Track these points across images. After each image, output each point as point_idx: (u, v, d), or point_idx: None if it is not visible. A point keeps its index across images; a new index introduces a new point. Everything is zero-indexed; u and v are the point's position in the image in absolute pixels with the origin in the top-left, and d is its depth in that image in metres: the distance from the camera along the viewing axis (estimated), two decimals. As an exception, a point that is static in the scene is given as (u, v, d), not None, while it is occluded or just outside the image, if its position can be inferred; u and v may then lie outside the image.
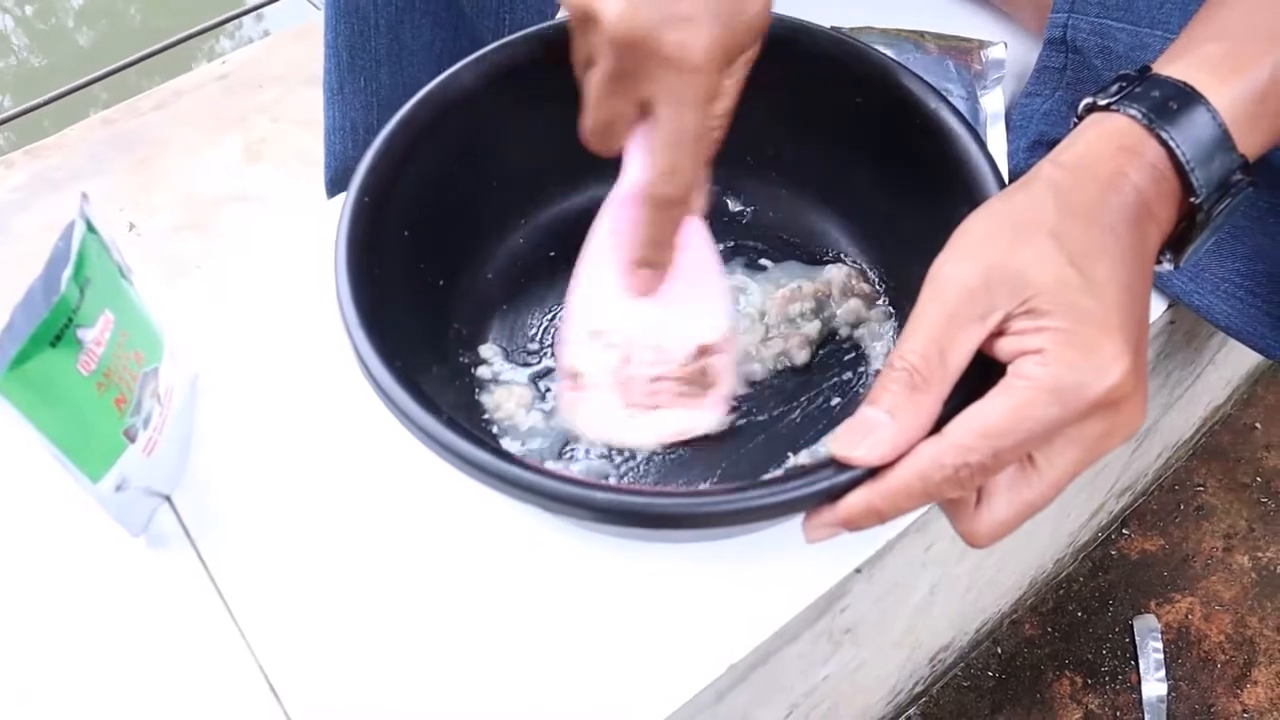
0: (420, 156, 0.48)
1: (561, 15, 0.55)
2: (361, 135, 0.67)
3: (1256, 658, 0.83)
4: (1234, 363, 0.84)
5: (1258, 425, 0.96)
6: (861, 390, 0.51)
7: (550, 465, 0.49)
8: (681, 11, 0.36)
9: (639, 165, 0.43)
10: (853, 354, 0.52)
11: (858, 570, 0.48)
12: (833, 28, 0.53)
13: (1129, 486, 0.85)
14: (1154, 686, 0.81)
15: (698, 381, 0.47)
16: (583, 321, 0.47)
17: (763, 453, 0.49)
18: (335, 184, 0.74)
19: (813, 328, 0.53)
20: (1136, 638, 0.84)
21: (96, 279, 0.44)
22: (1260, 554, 0.88)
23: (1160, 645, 0.83)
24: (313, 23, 1.46)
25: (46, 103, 1.40)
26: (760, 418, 0.50)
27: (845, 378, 0.52)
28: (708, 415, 0.48)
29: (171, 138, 1.28)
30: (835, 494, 0.35)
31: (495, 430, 0.50)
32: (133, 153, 1.27)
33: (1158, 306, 0.57)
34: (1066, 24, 0.61)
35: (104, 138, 1.29)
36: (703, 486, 0.48)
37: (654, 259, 0.44)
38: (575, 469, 0.49)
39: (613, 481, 0.49)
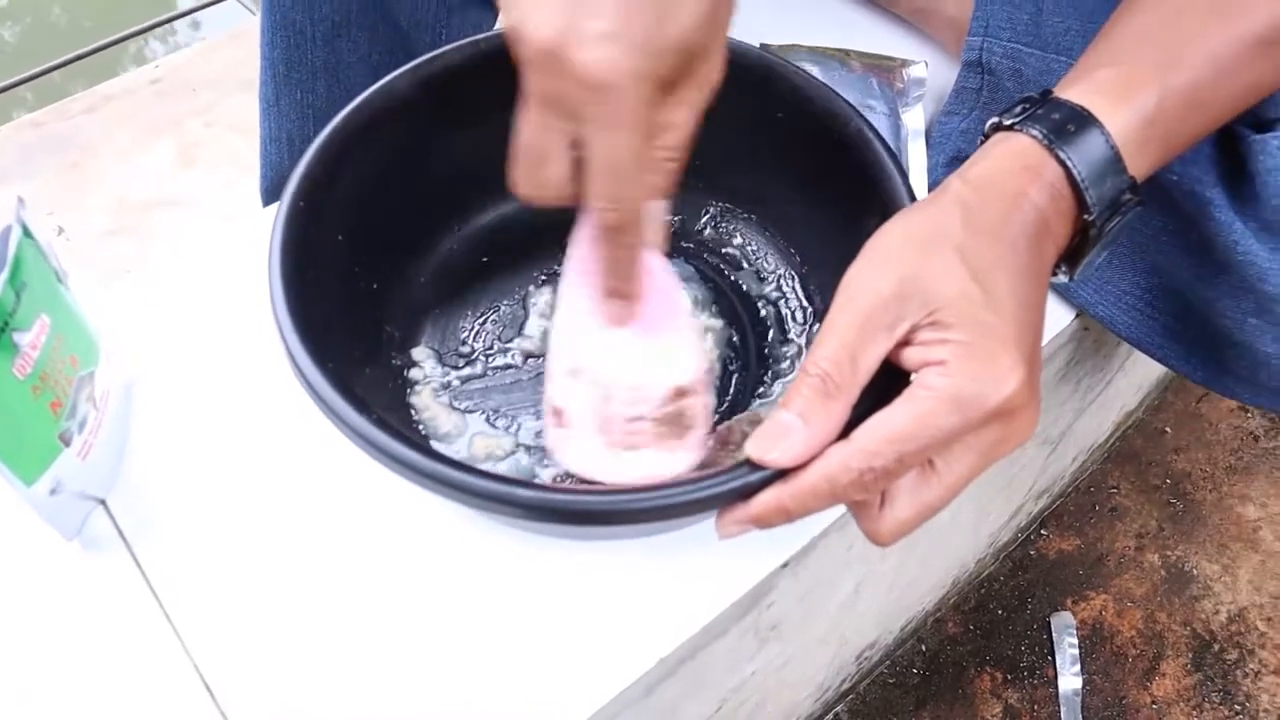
0: (355, 162, 0.49)
1: (496, 28, 0.57)
2: (297, 146, 0.68)
3: (1165, 651, 0.87)
4: (1144, 369, 0.87)
5: (1168, 430, 1.00)
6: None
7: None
8: (599, 28, 0.34)
9: None
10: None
11: (784, 565, 0.49)
12: (761, 45, 0.55)
13: (1046, 489, 0.88)
14: (1070, 681, 0.85)
15: (675, 423, 0.47)
16: (563, 359, 0.48)
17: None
18: (270, 194, 0.74)
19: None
20: (1053, 634, 0.87)
21: (32, 283, 0.44)
22: (1169, 552, 0.92)
23: (1075, 641, 0.86)
24: (246, 26, 1.45)
25: None
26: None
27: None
28: (683, 457, 0.48)
29: (102, 142, 1.27)
30: (747, 493, 0.37)
31: (424, 431, 0.51)
32: (62, 156, 1.26)
33: (1066, 315, 0.60)
34: (982, 47, 0.63)
35: (33, 140, 1.27)
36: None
37: (617, 288, 0.43)
38: (501, 467, 0.50)
39: (540, 479, 0.50)
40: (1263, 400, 0.55)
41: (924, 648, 0.86)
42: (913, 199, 0.48)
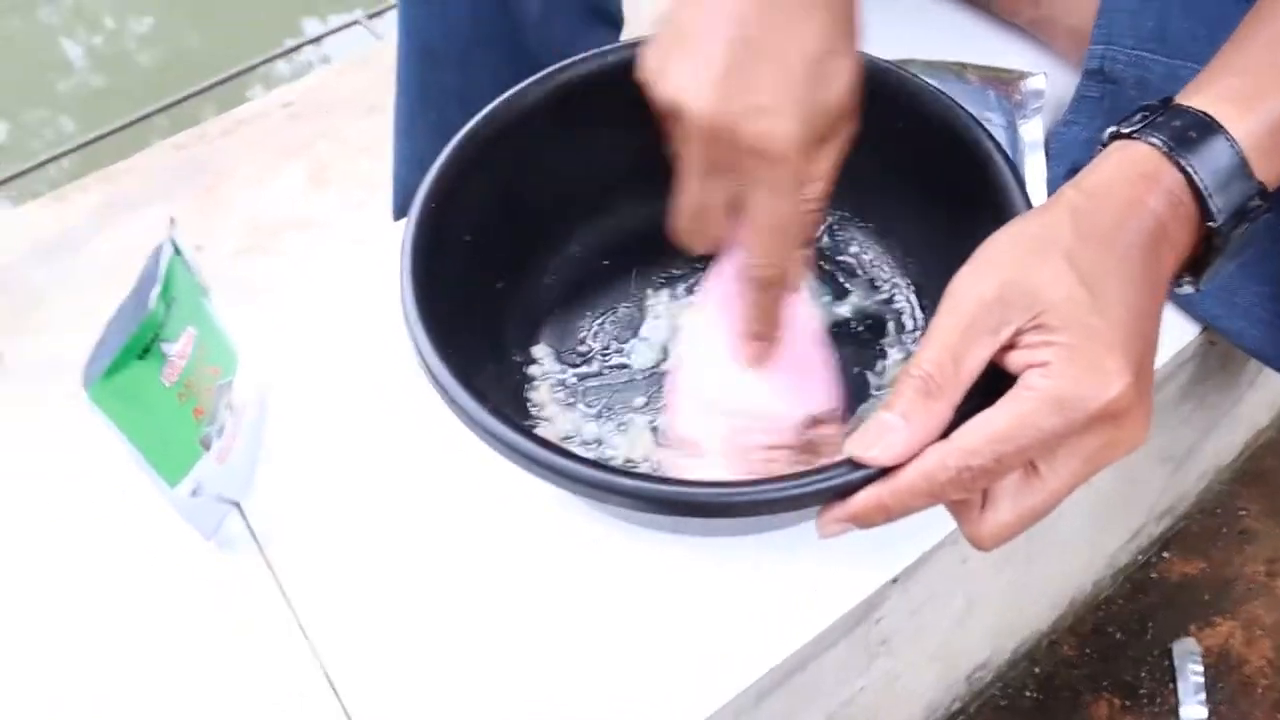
0: (483, 168, 0.52)
1: (622, 40, 0.58)
2: (429, 167, 0.70)
3: (1298, 682, 0.83)
4: (1275, 386, 0.84)
5: (1302, 450, 0.96)
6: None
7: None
8: (762, 103, 0.37)
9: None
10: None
11: (894, 580, 0.49)
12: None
13: (1169, 509, 0.86)
14: (1194, 710, 0.82)
15: (810, 451, 0.48)
16: (695, 391, 0.49)
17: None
18: (400, 212, 0.78)
19: None
20: (1175, 661, 0.84)
21: (181, 297, 0.47)
22: (1303, 579, 0.88)
23: (1200, 669, 0.83)
24: (374, 51, 1.50)
25: (116, 131, 1.46)
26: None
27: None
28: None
29: (238, 164, 1.33)
30: (846, 491, 0.38)
31: (539, 426, 0.53)
32: (200, 178, 1.32)
33: (1190, 331, 0.58)
34: (1104, 55, 0.63)
35: (174, 164, 1.34)
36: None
37: (761, 333, 0.45)
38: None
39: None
40: None
41: (1038, 670, 0.84)
42: (1029, 209, 0.48)
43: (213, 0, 2.63)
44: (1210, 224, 0.40)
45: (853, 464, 0.38)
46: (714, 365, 0.48)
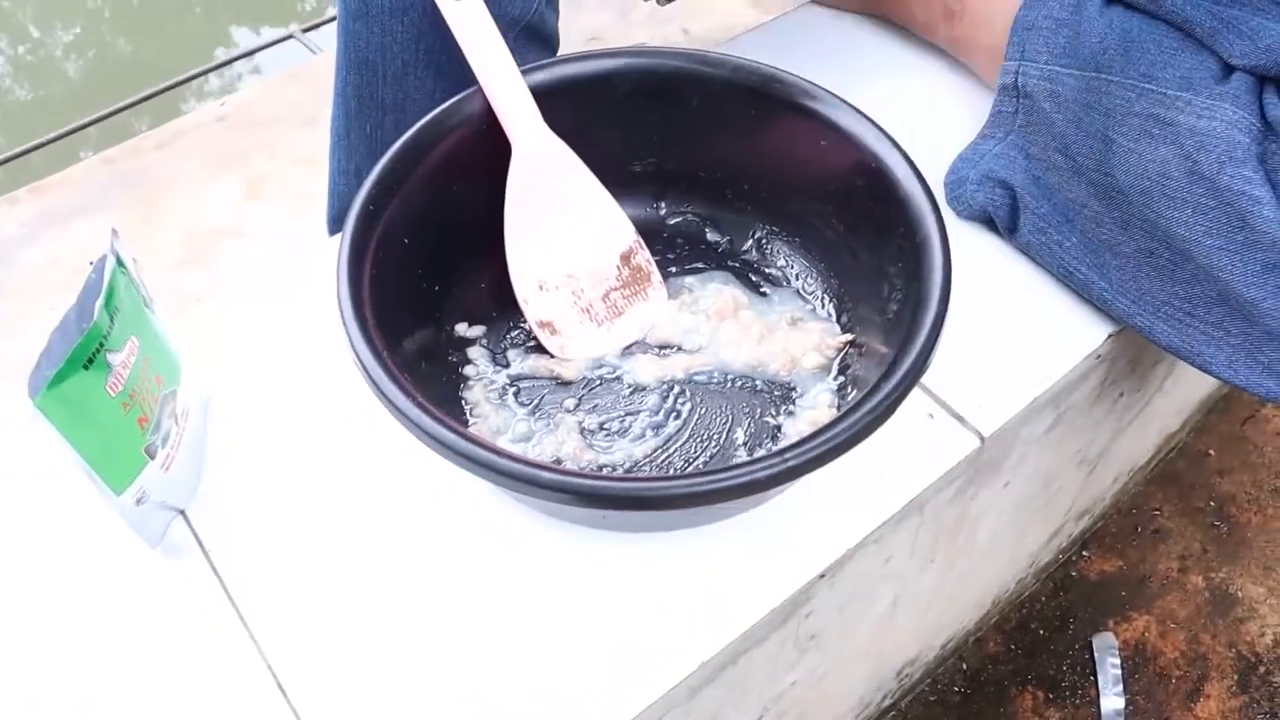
0: (419, 177, 0.54)
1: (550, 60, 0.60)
2: (364, 178, 0.72)
3: (1209, 673, 0.87)
4: (1184, 391, 0.88)
5: (1211, 452, 1.00)
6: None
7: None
8: None
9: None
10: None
11: (821, 575, 0.52)
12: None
13: (1087, 510, 0.89)
14: (1112, 701, 0.85)
15: (637, 281, 0.59)
16: (528, 282, 0.58)
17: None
18: (336, 222, 0.79)
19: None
20: (1095, 654, 0.88)
21: (124, 308, 0.48)
22: (1213, 574, 0.93)
23: (1118, 661, 0.87)
24: (309, 65, 1.51)
25: (45, 143, 1.45)
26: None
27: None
28: (657, 297, 0.60)
29: (173, 176, 1.33)
30: (755, 486, 0.42)
31: (473, 424, 0.55)
32: (135, 190, 1.32)
33: (1102, 331, 0.62)
34: (1018, 71, 0.66)
35: (107, 176, 1.34)
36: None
37: None
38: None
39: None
40: None
41: (965, 666, 0.88)
42: (941, 224, 0.50)
43: (141, 10, 2.60)
44: None
45: (758, 461, 0.41)
46: (531, 254, 0.58)
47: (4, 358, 1.12)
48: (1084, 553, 0.94)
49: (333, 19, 1.66)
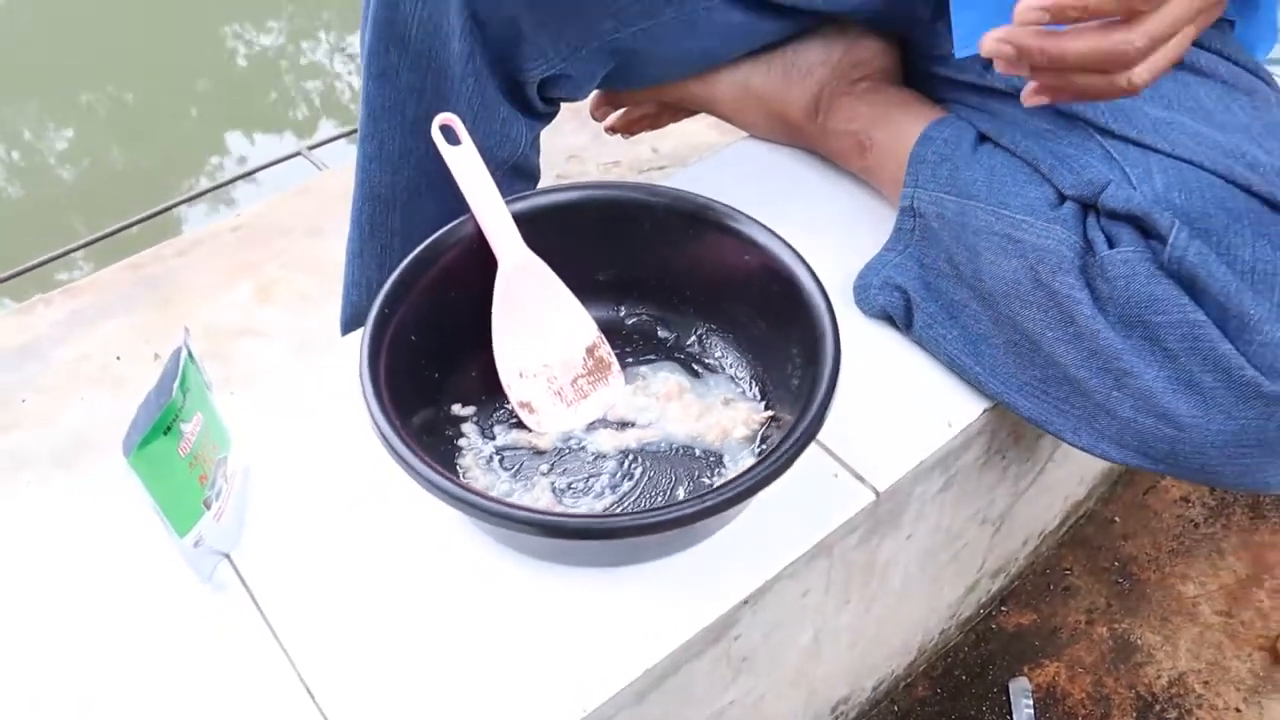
0: (425, 283, 0.69)
1: (532, 190, 0.75)
2: (375, 290, 0.86)
3: (1111, 712, 0.99)
4: (1080, 465, 1.02)
5: (1116, 519, 1.13)
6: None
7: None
8: None
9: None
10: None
11: (744, 601, 0.64)
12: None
13: (1001, 569, 1.02)
14: (1027, 738, 0.97)
15: (600, 369, 0.74)
16: (510, 370, 0.73)
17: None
18: (349, 325, 0.92)
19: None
20: (1011, 697, 0.99)
21: (192, 388, 0.61)
22: (1117, 625, 1.05)
23: (1031, 703, 0.99)
24: (316, 180, 1.67)
25: (44, 261, 1.60)
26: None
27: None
28: (616, 383, 0.75)
29: (192, 281, 1.47)
30: (684, 520, 0.55)
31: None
32: (157, 293, 1.46)
33: (978, 407, 0.75)
34: (913, 196, 0.80)
35: (132, 280, 1.48)
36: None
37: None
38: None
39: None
40: (1129, 459, 0.68)
41: (896, 708, 0.99)
42: (833, 320, 0.65)
43: (134, 116, 2.74)
44: None
45: (683, 503, 0.55)
46: (513, 348, 0.73)
47: (41, 444, 1.25)
48: (1003, 607, 1.06)
49: (336, 138, 1.83)
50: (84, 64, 2.85)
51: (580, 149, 1.58)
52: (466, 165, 0.70)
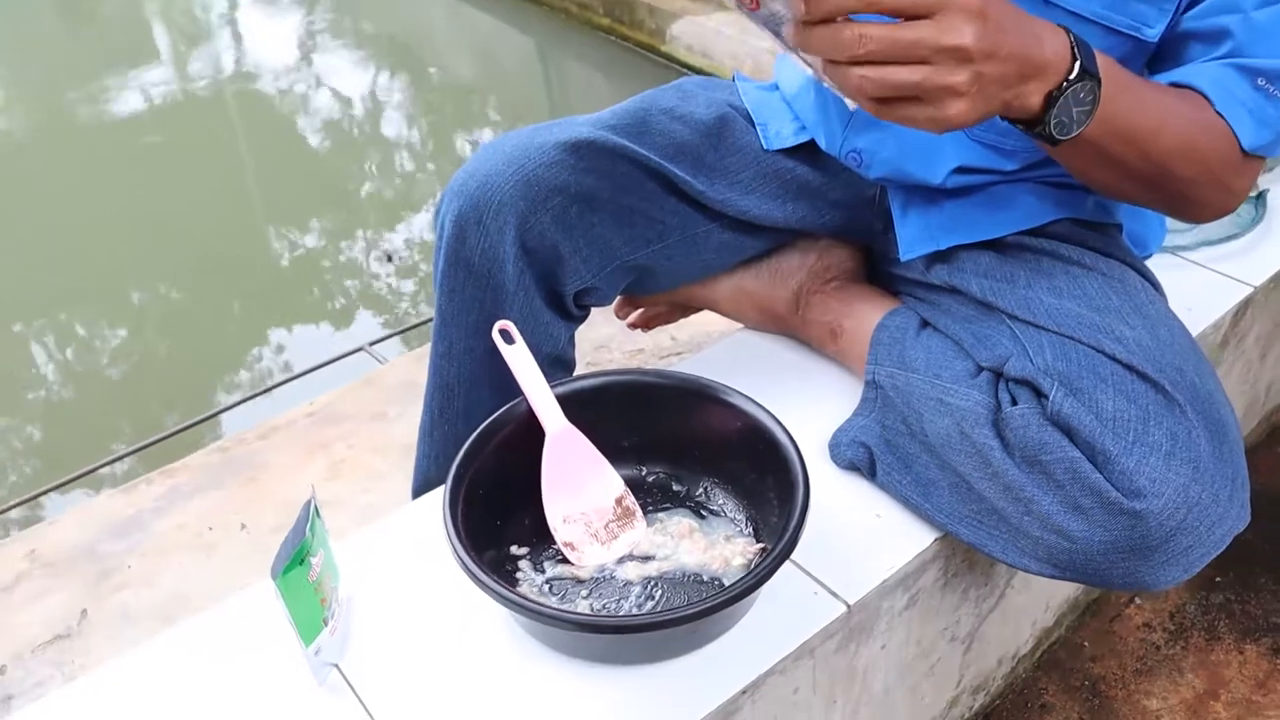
0: (489, 451, 0.89)
1: (570, 378, 0.96)
2: (442, 465, 1.06)
3: (1085, 813, 1.12)
4: (1041, 590, 1.18)
5: (1086, 643, 1.29)
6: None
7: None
8: None
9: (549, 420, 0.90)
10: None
11: (743, 691, 0.82)
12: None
13: (981, 687, 1.17)
14: (1010, 838, 1.11)
15: (626, 515, 0.91)
16: (556, 517, 0.91)
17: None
18: (418, 491, 1.13)
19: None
20: (996, 802, 1.13)
21: (317, 531, 0.81)
22: (1088, 738, 1.19)
23: (1014, 807, 1.13)
24: (377, 372, 1.91)
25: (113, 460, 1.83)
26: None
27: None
28: (639, 529, 0.92)
29: (272, 461, 1.69)
30: (686, 619, 0.73)
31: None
32: (243, 472, 1.68)
33: (930, 536, 0.93)
34: (874, 372, 1.01)
35: (221, 461, 1.70)
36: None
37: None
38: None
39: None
40: (1045, 570, 0.86)
41: (895, 813, 1.13)
42: (804, 471, 0.84)
43: (177, 314, 2.99)
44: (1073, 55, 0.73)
45: (682, 607, 0.73)
46: (558, 500, 0.91)
47: (145, 602, 1.44)
48: (986, 723, 1.21)
49: (394, 334, 2.09)
50: (140, 267, 3.17)
51: (608, 339, 1.82)
52: (520, 359, 0.92)
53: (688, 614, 0.75)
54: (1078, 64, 0.73)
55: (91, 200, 3.58)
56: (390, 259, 3.28)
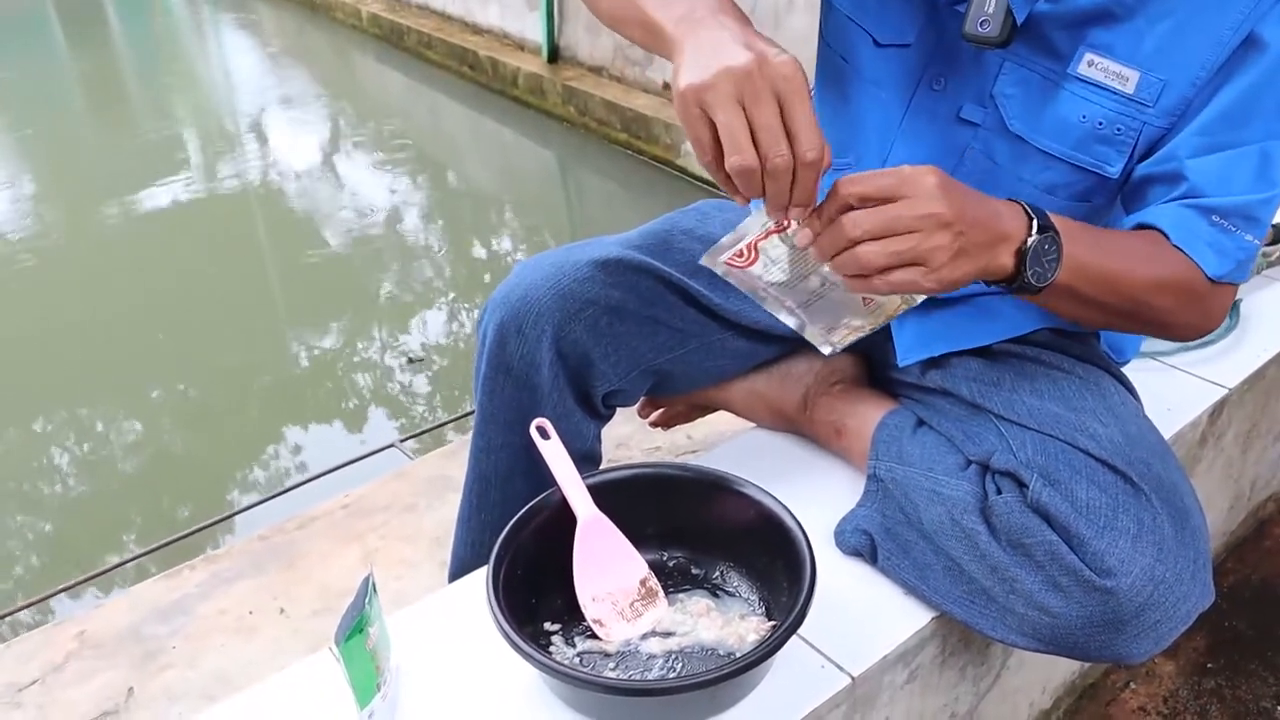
0: (525, 536, 0.98)
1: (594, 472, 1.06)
2: (479, 550, 1.15)
3: None
4: (1036, 670, 1.26)
5: (1082, 728, 1.36)
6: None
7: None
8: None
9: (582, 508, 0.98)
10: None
11: (756, 756, 0.90)
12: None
13: (983, 766, 1.24)
14: None
15: (649, 595, 0.98)
16: (586, 596, 0.99)
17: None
18: (455, 575, 1.22)
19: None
20: None
21: (374, 606, 0.91)
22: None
23: None
24: (407, 468, 2.01)
25: (134, 558, 1.92)
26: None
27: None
28: (661, 607, 1.00)
29: (309, 549, 1.79)
30: (699, 685, 0.81)
31: (563, 686, 0.95)
32: (281, 559, 1.77)
33: (927, 615, 1.02)
34: (875, 466, 1.11)
35: (261, 548, 1.79)
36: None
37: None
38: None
39: None
40: (1030, 645, 0.94)
41: None
42: (811, 555, 0.94)
43: (196, 410, 3.11)
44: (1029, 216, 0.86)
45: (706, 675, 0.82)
46: (589, 584, 0.99)
47: (189, 683, 1.52)
48: (988, 802, 1.28)
49: (425, 430, 2.19)
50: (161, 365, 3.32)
51: (627, 437, 1.93)
52: (555, 454, 1.02)
53: (706, 679, 0.83)
54: (1035, 222, 0.86)
55: (142, 302, 3.79)
56: (412, 360, 3.41)
